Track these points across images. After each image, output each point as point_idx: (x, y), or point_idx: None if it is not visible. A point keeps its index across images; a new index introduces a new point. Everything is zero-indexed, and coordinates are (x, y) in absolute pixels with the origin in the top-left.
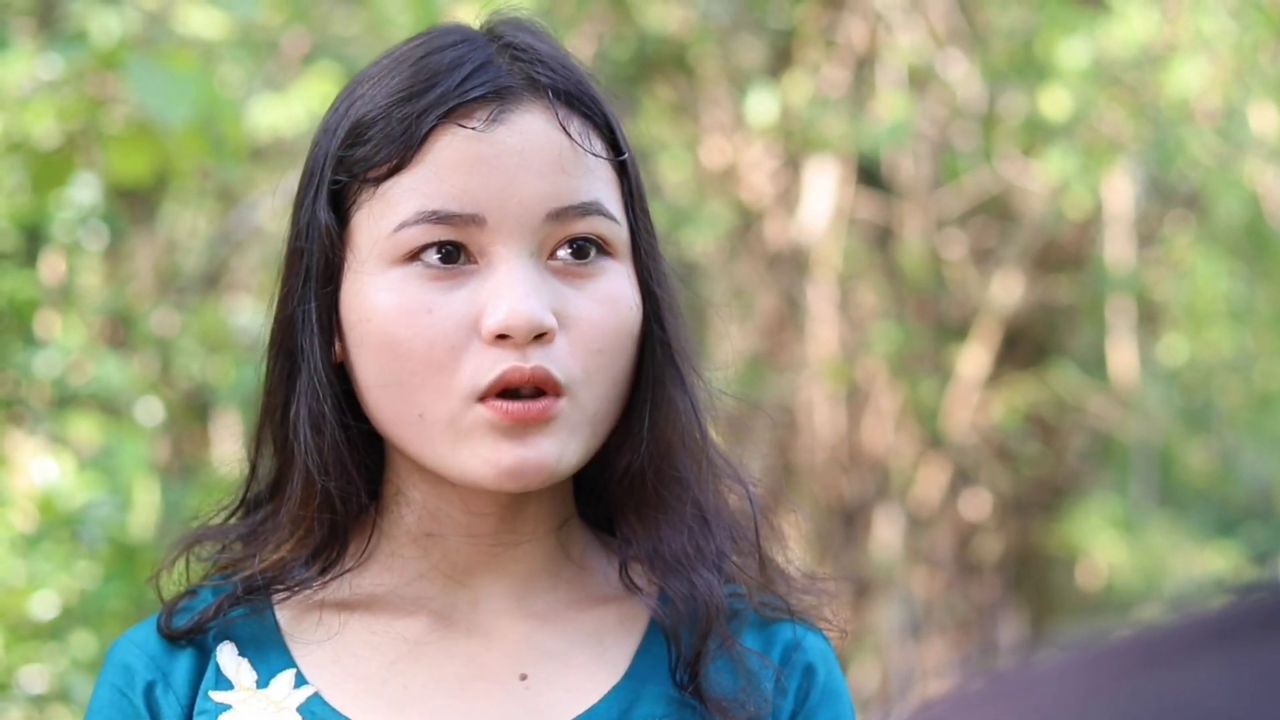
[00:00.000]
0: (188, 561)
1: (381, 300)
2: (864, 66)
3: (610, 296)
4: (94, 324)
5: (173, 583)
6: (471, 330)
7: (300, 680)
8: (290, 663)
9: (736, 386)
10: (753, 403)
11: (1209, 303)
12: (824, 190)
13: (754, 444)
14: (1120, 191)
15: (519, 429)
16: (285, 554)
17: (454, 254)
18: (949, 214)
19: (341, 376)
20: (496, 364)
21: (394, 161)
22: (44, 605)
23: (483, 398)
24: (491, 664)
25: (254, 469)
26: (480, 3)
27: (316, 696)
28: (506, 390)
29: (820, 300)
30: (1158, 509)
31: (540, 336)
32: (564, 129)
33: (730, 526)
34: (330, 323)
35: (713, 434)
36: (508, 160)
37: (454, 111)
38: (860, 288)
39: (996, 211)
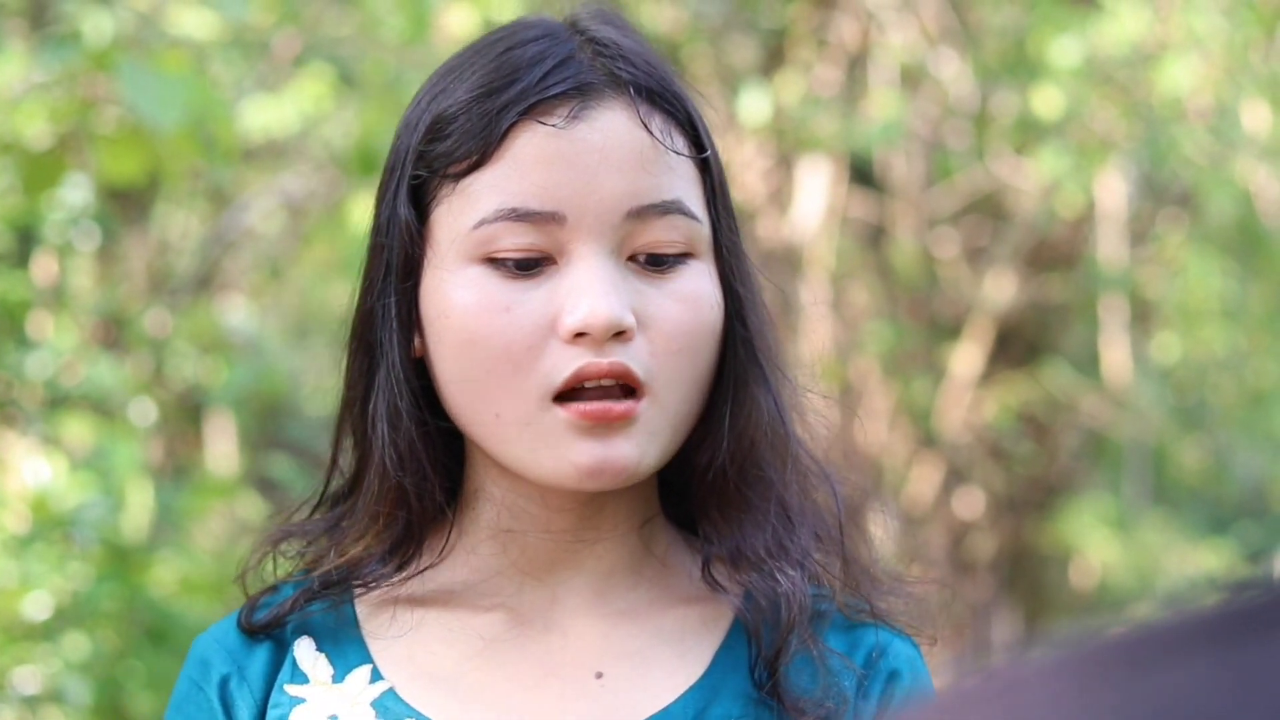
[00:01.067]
0: (275, 560)
1: (460, 297)
2: (856, 65)
3: (690, 295)
4: (86, 325)
5: (260, 579)
6: (549, 329)
7: (376, 675)
8: (367, 658)
9: None
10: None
11: (1201, 301)
12: (816, 189)
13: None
14: (1112, 190)
15: (600, 429)
16: (361, 550)
17: (530, 263)
18: (941, 213)
19: (421, 372)
20: (572, 361)
21: (474, 158)
22: (36, 606)
23: (560, 397)
24: (567, 661)
25: (334, 463)
26: (473, 4)
27: (390, 692)
28: (584, 388)
29: (813, 299)
30: (1151, 507)
31: (619, 335)
32: (645, 126)
33: (815, 526)
34: (410, 318)
35: (798, 432)
36: (588, 158)
37: (534, 108)
38: (853, 287)
39: (989, 210)
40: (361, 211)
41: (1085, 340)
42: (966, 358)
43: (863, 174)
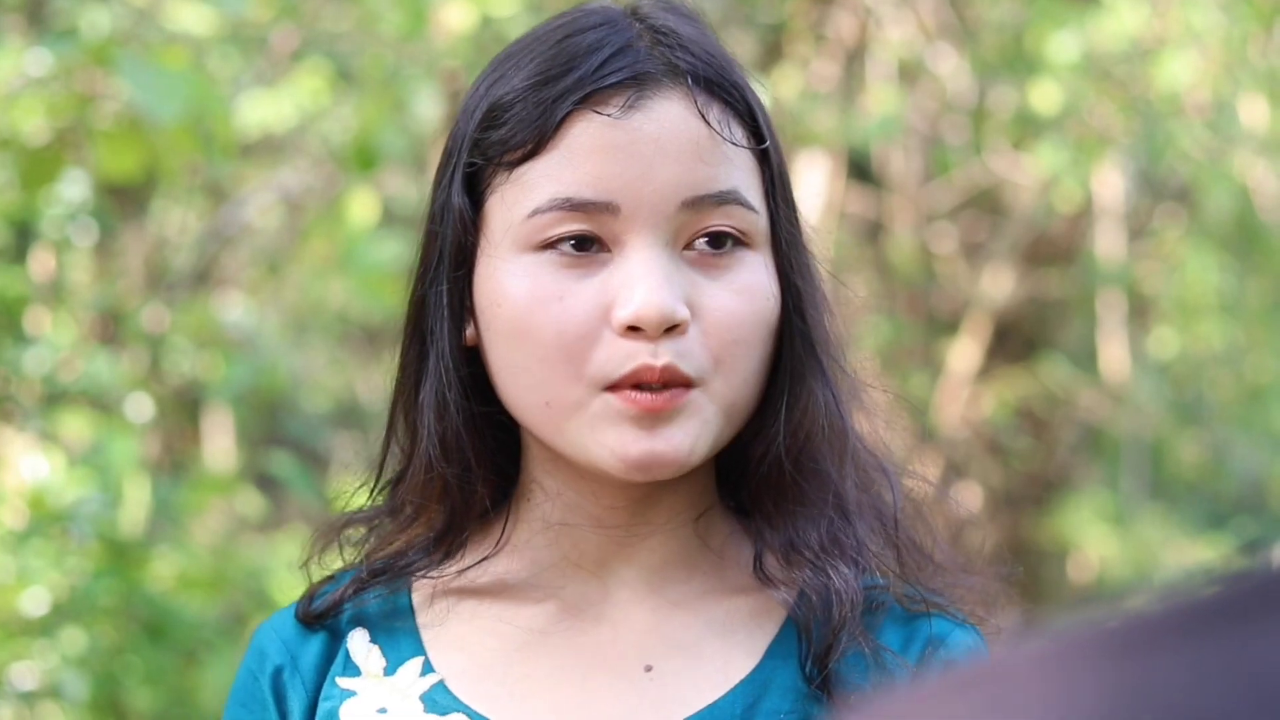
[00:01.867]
0: (342, 547)
1: (513, 286)
2: (854, 61)
3: (746, 287)
4: (84, 320)
5: (323, 567)
6: (602, 320)
7: (427, 668)
8: (419, 650)
9: None
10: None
11: (1199, 296)
12: (814, 184)
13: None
14: (1110, 185)
15: (649, 418)
16: (406, 540)
17: (587, 241)
18: (939, 208)
19: (474, 360)
20: (627, 359)
21: (529, 146)
22: (34, 602)
23: (612, 388)
24: (617, 654)
25: (386, 449)
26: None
27: (440, 685)
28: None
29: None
30: (1149, 502)
31: (672, 328)
32: (703, 116)
33: (874, 519)
34: (461, 307)
35: (856, 425)
36: (644, 148)
37: (590, 97)
38: (851, 282)
39: (987, 205)
40: (359, 207)
41: (1083, 335)
42: (964, 353)
43: (860, 169)
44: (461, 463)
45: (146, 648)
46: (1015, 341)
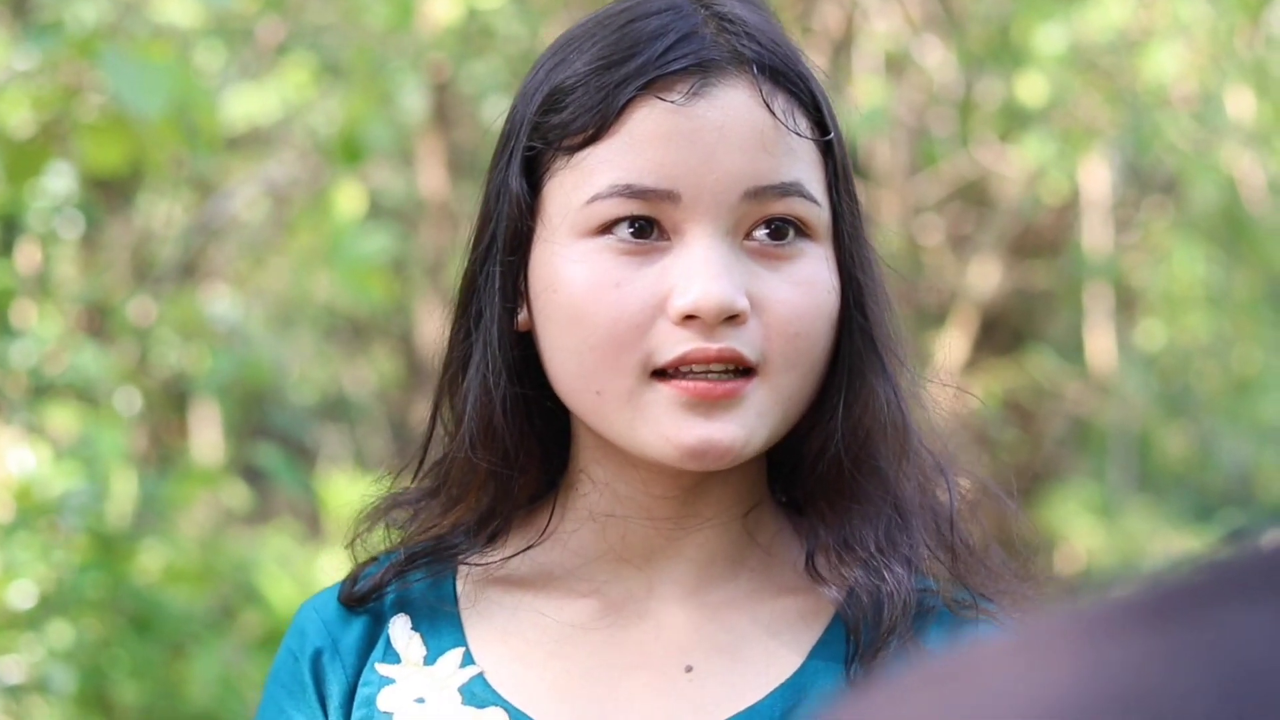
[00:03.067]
0: (387, 529)
1: (569, 272)
2: (840, 53)
3: (807, 280)
4: (70, 313)
5: (368, 550)
6: (658, 308)
7: (468, 659)
8: (460, 640)
9: None
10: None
11: (1186, 288)
12: None
13: None
14: (1097, 177)
15: (704, 406)
16: (449, 523)
17: (646, 229)
18: (926, 200)
19: (525, 345)
20: (679, 344)
21: (590, 131)
22: (21, 594)
23: (662, 374)
24: (657, 653)
25: (431, 431)
26: None
27: (479, 677)
28: (691, 368)
29: None
30: (1136, 494)
31: (732, 319)
32: (767, 106)
33: (930, 519)
34: (514, 291)
35: (917, 424)
36: (707, 136)
37: (654, 83)
38: None
39: (974, 197)
40: (345, 200)
41: (1070, 327)
42: (951, 345)
43: None
44: (501, 451)
45: (133, 641)
46: (1002, 333)
